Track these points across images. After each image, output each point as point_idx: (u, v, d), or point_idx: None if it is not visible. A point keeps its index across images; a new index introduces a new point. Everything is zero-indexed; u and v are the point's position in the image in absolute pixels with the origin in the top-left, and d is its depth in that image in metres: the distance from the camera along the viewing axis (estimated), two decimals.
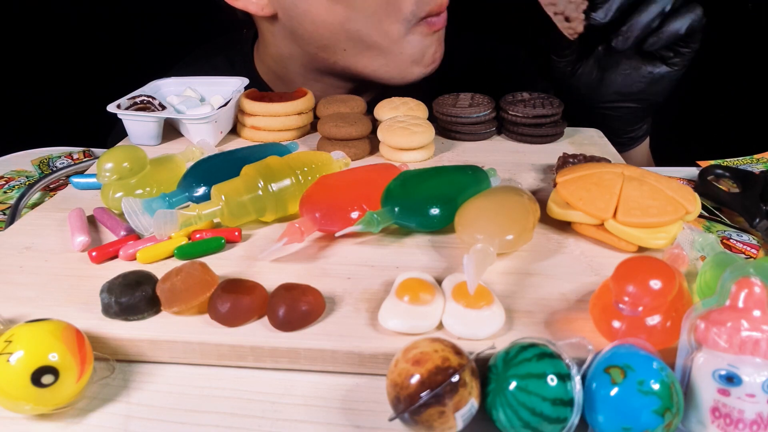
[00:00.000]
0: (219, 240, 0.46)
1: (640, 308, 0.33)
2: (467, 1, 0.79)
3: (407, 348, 0.31)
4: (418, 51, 0.73)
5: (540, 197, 0.52)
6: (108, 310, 0.38)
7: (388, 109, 0.66)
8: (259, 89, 0.74)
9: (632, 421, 0.29)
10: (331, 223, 0.45)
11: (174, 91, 0.73)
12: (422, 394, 0.29)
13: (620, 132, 0.71)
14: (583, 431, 0.31)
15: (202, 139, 0.65)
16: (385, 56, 0.73)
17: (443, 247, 0.46)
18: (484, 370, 0.32)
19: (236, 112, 0.70)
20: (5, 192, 0.63)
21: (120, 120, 0.66)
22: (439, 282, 0.40)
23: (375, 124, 0.66)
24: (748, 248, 0.50)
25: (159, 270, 0.41)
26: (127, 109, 0.66)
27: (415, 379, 0.29)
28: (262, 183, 0.48)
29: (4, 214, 0.58)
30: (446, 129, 0.69)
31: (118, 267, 0.44)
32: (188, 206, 0.48)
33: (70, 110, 1.07)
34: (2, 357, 0.31)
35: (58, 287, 0.42)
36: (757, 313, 0.30)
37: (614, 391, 0.29)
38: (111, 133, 0.84)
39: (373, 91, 0.83)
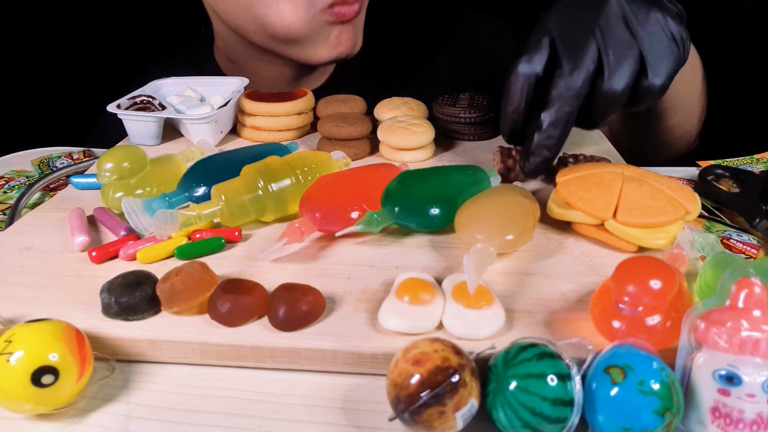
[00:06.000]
0: (219, 240, 0.46)
1: (640, 308, 0.33)
2: None
3: (407, 348, 0.31)
4: (320, 36, 0.73)
5: (540, 197, 0.52)
6: (108, 310, 0.38)
7: (388, 109, 0.66)
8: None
9: (632, 421, 0.29)
10: (331, 223, 0.45)
11: (174, 91, 0.73)
12: (422, 394, 0.29)
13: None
14: (583, 431, 0.31)
15: (202, 139, 0.65)
16: (290, 41, 0.74)
17: (443, 247, 0.46)
18: (484, 370, 0.32)
19: (236, 112, 0.70)
20: (5, 192, 0.63)
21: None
22: (439, 282, 0.40)
23: (375, 124, 0.66)
24: (748, 248, 0.50)
25: (159, 270, 0.41)
26: (127, 109, 0.66)
27: (415, 379, 0.29)
28: (262, 183, 0.48)
29: (4, 214, 0.58)
30: (446, 129, 0.69)
31: (118, 267, 0.44)
32: (188, 206, 0.48)
33: (70, 110, 1.07)
34: (2, 357, 0.31)
35: (58, 287, 0.42)
36: (757, 313, 0.30)
37: (614, 391, 0.29)
38: (93, 129, 0.85)
39: (321, 73, 0.85)
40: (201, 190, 0.51)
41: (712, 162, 0.67)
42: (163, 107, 0.68)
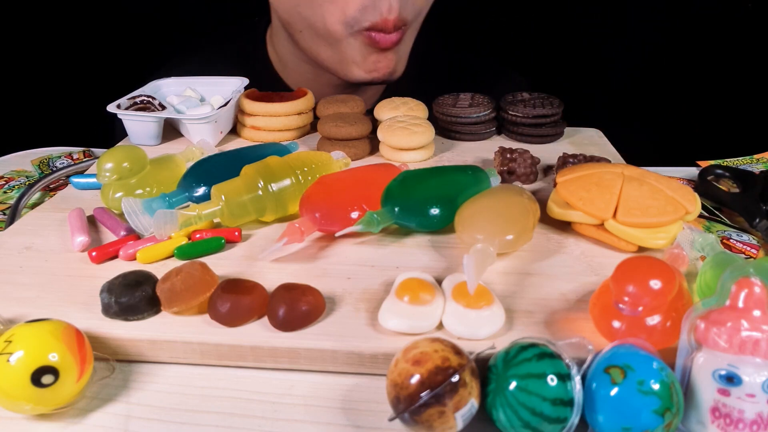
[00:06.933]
0: (219, 240, 0.46)
1: (640, 308, 0.33)
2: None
3: (407, 348, 0.31)
4: (359, 55, 0.73)
5: (540, 197, 0.52)
6: (108, 310, 0.38)
7: (388, 109, 0.66)
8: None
9: (632, 421, 0.29)
10: (331, 223, 0.45)
11: (174, 91, 0.73)
12: (422, 394, 0.29)
13: None
14: (583, 431, 0.31)
15: (202, 139, 0.65)
16: (332, 48, 0.74)
17: (443, 247, 0.46)
18: (484, 370, 0.32)
19: (236, 112, 0.70)
20: (5, 192, 0.63)
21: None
22: (439, 282, 0.40)
23: (375, 124, 0.66)
24: (748, 248, 0.50)
25: (159, 270, 0.41)
26: (127, 109, 0.66)
27: (415, 379, 0.29)
28: (262, 183, 0.48)
29: (4, 214, 0.58)
30: (446, 129, 0.69)
31: (118, 267, 0.44)
32: (188, 206, 0.48)
33: (70, 110, 1.07)
34: (2, 357, 0.31)
35: (58, 287, 0.42)
36: (757, 313, 0.30)
37: (614, 391, 0.29)
38: (114, 130, 0.84)
39: (372, 89, 0.84)
40: (201, 190, 0.51)
41: (712, 162, 0.67)
42: (163, 107, 0.68)
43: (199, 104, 0.70)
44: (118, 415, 0.34)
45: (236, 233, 0.47)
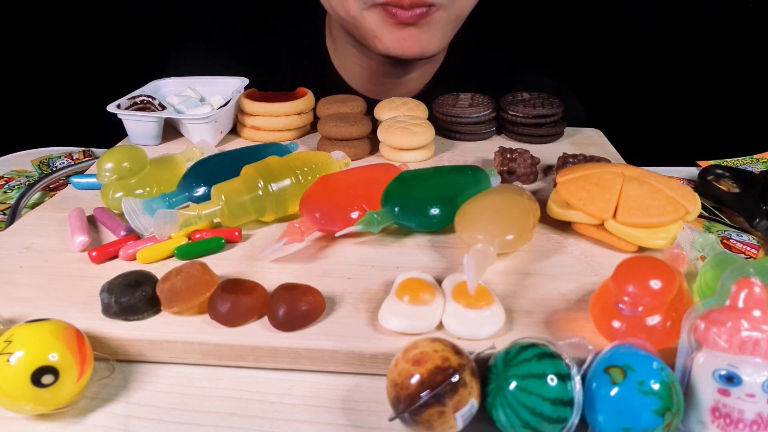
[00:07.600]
0: (219, 240, 0.46)
1: (640, 308, 0.33)
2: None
3: (407, 348, 0.31)
4: (377, 29, 0.71)
5: (540, 197, 0.52)
6: (108, 310, 0.38)
7: (388, 109, 0.66)
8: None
9: (632, 421, 0.29)
10: (331, 223, 0.45)
11: (174, 91, 0.73)
12: (422, 394, 0.29)
13: None
14: (583, 431, 0.31)
15: (202, 139, 0.65)
16: (354, 27, 0.73)
17: (443, 247, 0.46)
18: (484, 370, 0.32)
19: (236, 112, 0.70)
20: (5, 192, 0.63)
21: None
22: (439, 282, 0.40)
23: (375, 124, 0.66)
24: (748, 248, 0.50)
25: (159, 270, 0.41)
26: (127, 109, 0.66)
27: (415, 379, 0.29)
28: (262, 183, 0.48)
29: (4, 214, 0.58)
30: (446, 129, 0.69)
31: (118, 267, 0.44)
32: (188, 206, 0.48)
33: (70, 110, 1.07)
34: (2, 357, 0.31)
35: (58, 287, 0.42)
36: (757, 313, 0.30)
37: (614, 391, 0.29)
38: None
39: (415, 79, 0.84)
40: (201, 190, 0.51)
41: (712, 162, 0.67)
42: (163, 107, 0.68)
43: (199, 104, 0.70)
44: (118, 415, 0.34)
45: (236, 233, 0.47)
